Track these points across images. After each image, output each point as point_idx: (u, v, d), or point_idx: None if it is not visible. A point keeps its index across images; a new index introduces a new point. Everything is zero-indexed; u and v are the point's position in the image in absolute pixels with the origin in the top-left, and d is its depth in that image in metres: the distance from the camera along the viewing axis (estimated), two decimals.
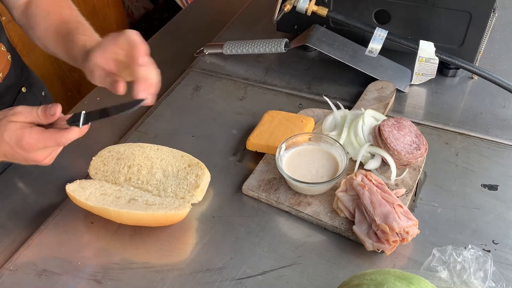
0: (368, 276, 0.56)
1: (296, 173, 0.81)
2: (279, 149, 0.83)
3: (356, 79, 1.08)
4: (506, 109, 0.99)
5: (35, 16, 0.91)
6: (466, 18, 0.99)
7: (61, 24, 0.87)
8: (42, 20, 0.90)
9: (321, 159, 0.84)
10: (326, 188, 0.81)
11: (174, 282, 0.72)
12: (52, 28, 0.88)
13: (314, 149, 0.86)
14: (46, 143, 0.69)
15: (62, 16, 0.89)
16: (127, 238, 0.78)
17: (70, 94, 2.03)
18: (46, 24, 0.89)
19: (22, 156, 0.69)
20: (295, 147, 0.86)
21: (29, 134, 0.67)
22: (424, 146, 0.83)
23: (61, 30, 0.87)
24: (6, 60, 0.91)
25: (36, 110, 0.69)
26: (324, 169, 0.83)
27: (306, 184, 0.79)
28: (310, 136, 0.87)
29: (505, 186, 0.83)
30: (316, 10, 1.03)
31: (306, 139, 0.87)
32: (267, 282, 0.71)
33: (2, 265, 0.75)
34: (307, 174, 0.82)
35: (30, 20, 0.92)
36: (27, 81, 1.01)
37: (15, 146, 0.68)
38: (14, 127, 0.68)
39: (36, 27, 0.91)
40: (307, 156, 0.85)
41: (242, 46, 1.14)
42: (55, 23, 0.88)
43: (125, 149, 0.87)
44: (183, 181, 0.82)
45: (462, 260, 0.62)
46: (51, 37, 0.88)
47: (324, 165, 0.83)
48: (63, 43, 0.86)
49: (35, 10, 0.91)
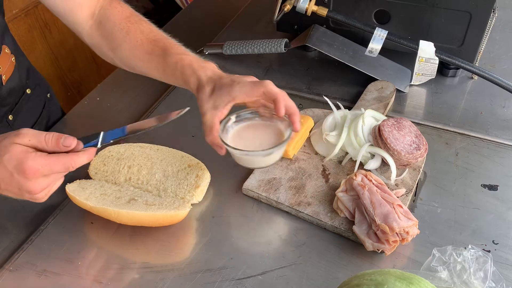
0: (368, 276, 0.56)
1: (239, 144, 0.78)
2: (227, 120, 0.79)
3: (356, 79, 1.08)
4: (506, 109, 0.99)
5: (112, 36, 0.86)
6: (466, 18, 0.99)
7: (150, 44, 0.84)
8: (123, 40, 0.85)
9: (269, 134, 0.80)
10: (266, 161, 0.78)
11: (174, 282, 0.72)
12: (140, 48, 0.84)
13: (264, 124, 0.82)
14: (53, 168, 0.63)
15: (145, 34, 0.85)
16: (127, 238, 0.78)
17: (70, 94, 2.03)
18: (129, 44, 0.84)
19: (18, 183, 0.63)
20: (246, 121, 0.82)
21: (33, 158, 0.61)
22: (424, 146, 0.83)
23: (154, 50, 0.83)
24: (10, 62, 0.89)
25: (45, 135, 0.64)
26: (270, 143, 0.78)
27: (241, 152, 0.75)
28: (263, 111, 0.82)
29: (505, 186, 0.83)
30: (316, 10, 1.03)
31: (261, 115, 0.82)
32: (267, 282, 0.71)
33: (2, 265, 0.75)
34: (250, 146, 0.77)
35: (107, 40, 0.87)
36: (33, 83, 1.00)
37: (14, 170, 0.62)
38: (17, 150, 0.62)
39: (118, 48, 0.86)
40: (256, 130, 0.81)
41: (242, 46, 1.14)
42: (141, 42, 0.84)
43: (125, 149, 0.87)
44: (183, 181, 0.82)
45: (462, 260, 0.62)
46: (140, 58, 0.84)
47: (270, 139, 0.79)
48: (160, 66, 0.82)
49: (111, 29, 0.86)
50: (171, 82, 0.84)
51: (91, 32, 0.88)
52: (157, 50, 0.82)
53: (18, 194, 0.65)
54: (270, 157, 0.77)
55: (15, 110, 0.94)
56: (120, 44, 0.85)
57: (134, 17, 0.87)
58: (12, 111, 0.93)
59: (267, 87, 0.73)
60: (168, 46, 0.83)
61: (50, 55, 1.85)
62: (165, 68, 0.81)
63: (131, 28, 0.85)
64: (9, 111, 0.92)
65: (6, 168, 0.62)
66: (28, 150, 0.62)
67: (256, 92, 0.73)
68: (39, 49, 1.80)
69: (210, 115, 0.74)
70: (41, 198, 0.66)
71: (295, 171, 0.86)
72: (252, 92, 0.73)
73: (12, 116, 0.93)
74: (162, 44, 0.83)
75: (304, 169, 0.87)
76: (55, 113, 1.10)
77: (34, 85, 1.01)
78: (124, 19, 0.86)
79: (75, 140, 0.65)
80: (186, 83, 0.79)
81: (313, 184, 0.84)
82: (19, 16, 1.65)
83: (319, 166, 0.87)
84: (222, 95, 0.73)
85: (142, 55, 0.84)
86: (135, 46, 0.84)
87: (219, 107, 0.73)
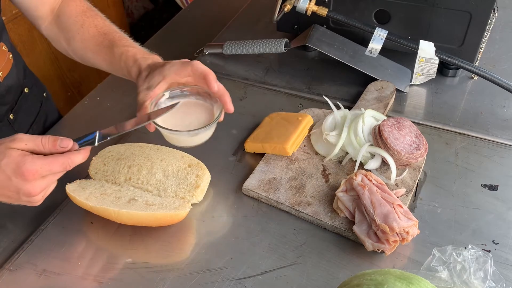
0: (368, 276, 0.56)
1: (168, 122, 0.77)
2: (160, 96, 0.79)
3: (356, 79, 1.08)
4: (506, 109, 0.99)
5: (68, 28, 0.91)
6: (466, 18, 0.99)
7: (101, 36, 0.88)
8: (77, 31, 0.90)
9: (200, 113, 0.80)
10: (193, 141, 0.78)
11: (174, 282, 0.72)
12: (92, 40, 0.89)
13: (197, 103, 0.82)
14: (51, 168, 0.64)
15: (98, 27, 0.90)
16: (127, 238, 0.78)
17: (70, 94, 2.03)
18: (82, 36, 0.89)
19: (16, 187, 0.64)
20: (181, 99, 0.81)
21: (31, 160, 0.63)
22: (424, 146, 0.83)
23: (103, 42, 0.88)
24: (7, 60, 0.91)
25: (41, 138, 0.65)
26: (200, 122, 0.78)
27: (166, 131, 0.75)
28: (198, 90, 0.81)
29: (505, 186, 0.83)
30: (316, 10, 1.03)
31: (195, 93, 0.82)
32: (267, 282, 0.71)
33: (2, 265, 0.75)
34: (178, 125, 0.77)
35: (63, 32, 0.91)
36: (30, 82, 1.01)
37: (12, 174, 0.63)
38: (14, 154, 0.63)
39: (72, 39, 0.90)
40: (189, 108, 0.81)
41: (242, 46, 1.14)
42: (93, 34, 0.89)
43: (125, 149, 0.87)
44: (183, 181, 0.82)
45: (462, 260, 0.63)
46: (91, 49, 0.89)
47: (201, 118, 0.79)
48: (107, 57, 0.87)
49: (67, 21, 0.91)
50: (118, 73, 0.88)
51: (49, 25, 0.93)
52: (106, 42, 0.87)
53: (15, 199, 0.66)
54: (197, 137, 0.78)
55: (15, 109, 0.94)
56: (74, 35, 0.90)
57: (90, 12, 0.93)
58: (12, 110, 0.93)
59: (194, 65, 0.77)
60: (117, 39, 0.87)
61: (50, 55, 1.85)
62: (112, 59, 0.86)
63: (86, 21, 0.90)
64: (10, 110, 0.93)
65: (4, 172, 0.63)
66: (25, 154, 0.64)
67: (185, 70, 0.77)
68: (39, 49, 1.80)
69: (142, 95, 0.77)
70: (38, 200, 0.67)
71: (295, 171, 0.86)
72: (181, 71, 0.77)
73: (13, 115, 0.93)
74: (111, 37, 0.88)
75: (304, 169, 0.87)
76: (52, 113, 1.10)
77: (31, 85, 1.02)
78: (80, 13, 0.92)
79: (71, 141, 0.67)
80: (129, 73, 0.83)
81: (313, 184, 0.84)
82: (19, 16, 1.65)
83: (319, 166, 0.87)
84: (154, 75, 0.78)
85: (93, 46, 0.88)
86: (88, 38, 0.89)
87: (151, 87, 0.77)
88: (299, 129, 0.90)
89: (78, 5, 0.93)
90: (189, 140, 0.78)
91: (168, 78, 0.77)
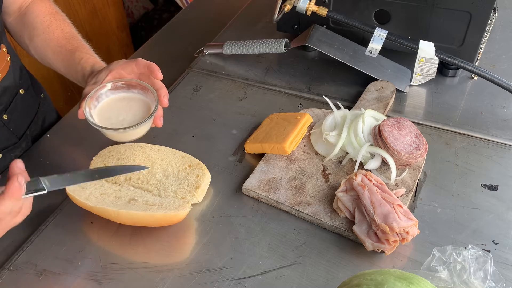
0: (368, 276, 0.56)
1: (103, 115, 0.78)
2: (101, 87, 0.79)
3: (356, 79, 1.08)
4: (506, 109, 0.99)
5: (33, 26, 0.94)
6: (466, 18, 0.99)
7: (65, 39, 0.93)
8: (43, 30, 0.94)
9: (138, 109, 0.80)
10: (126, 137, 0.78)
11: (174, 282, 0.72)
12: (55, 41, 0.93)
13: (137, 97, 0.82)
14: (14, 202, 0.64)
15: (64, 31, 0.94)
16: (127, 238, 0.78)
17: (70, 94, 2.03)
18: (47, 35, 0.93)
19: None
20: (122, 92, 0.82)
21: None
22: (424, 146, 0.83)
23: (65, 45, 0.92)
24: (5, 62, 0.92)
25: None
26: (136, 118, 0.79)
27: (97, 126, 0.76)
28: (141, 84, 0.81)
29: (505, 186, 0.83)
30: (316, 10, 1.03)
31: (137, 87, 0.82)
32: (267, 282, 0.71)
33: (2, 265, 0.76)
34: (112, 119, 0.78)
35: (28, 29, 0.95)
36: (26, 83, 1.02)
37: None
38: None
39: (35, 37, 0.94)
40: (128, 103, 0.81)
41: (242, 46, 1.14)
42: (57, 36, 0.93)
43: (126, 149, 0.87)
44: (183, 182, 0.82)
45: (462, 260, 0.63)
46: (53, 49, 0.92)
47: (137, 114, 0.79)
48: (66, 58, 0.91)
49: (34, 19, 0.95)
50: (71, 76, 0.92)
51: (15, 21, 0.97)
52: (69, 45, 0.92)
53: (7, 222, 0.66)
54: (128, 134, 0.78)
55: (9, 110, 0.95)
56: (39, 34, 0.94)
57: (59, 16, 0.98)
58: (6, 111, 0.94)
59: (138, 60, 0.81)
60: (81, 46, 0.92)
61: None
62: (70, 62, 0.90)
63: (53, 23, 0.95)
64: (4, 111, 0.93)
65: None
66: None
67: (129, 65, 0.82)
68: None
69: (88, 88, 0.81)
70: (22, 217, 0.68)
71: (295, 171, 0.86)
72: (126, 65, 0.82)
73: (6, 115, 0.94)
74: (75, 43, 0.93)
75: (304, 169, 0.87)
76: (51, 114, 1.11)
77: (27, 86, 1.02)
78: (49, 14, 0.96)
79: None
80: (83, 77, 0.87)
81: (313, 184, 0.84)
82: None
83: (319, 166, 0.87)
84: (101, 72, 0.83)
85: (54, 47, 0.92)
86: (51, 39, 0.93)
87: (98, 82, 0.81)
88: (297, 128, 0.89)
89: (47, 6, 0.97)
90: (122, 136, 0.79)
91: (113, 72, 0.81)
